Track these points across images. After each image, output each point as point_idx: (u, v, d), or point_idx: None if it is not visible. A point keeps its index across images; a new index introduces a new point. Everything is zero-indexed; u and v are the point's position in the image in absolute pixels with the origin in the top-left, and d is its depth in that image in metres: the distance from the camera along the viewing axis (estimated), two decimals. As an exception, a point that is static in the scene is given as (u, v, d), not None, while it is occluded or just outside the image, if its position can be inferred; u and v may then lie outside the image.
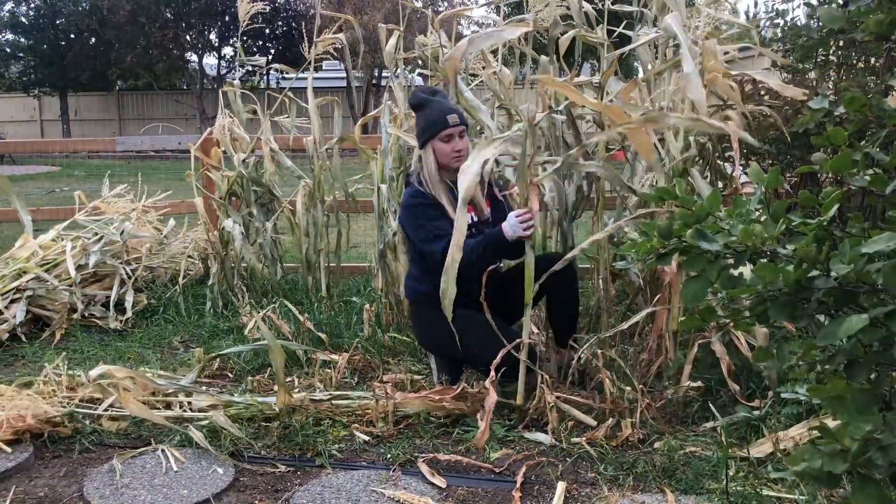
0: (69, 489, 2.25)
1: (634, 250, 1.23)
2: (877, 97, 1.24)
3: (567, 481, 2.21)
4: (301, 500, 2.16)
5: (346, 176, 4.22)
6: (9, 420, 2.49)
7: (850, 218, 1.17)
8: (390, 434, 2.54)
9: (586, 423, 2.55)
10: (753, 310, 1.15)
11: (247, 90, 4.53)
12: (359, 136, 4.00)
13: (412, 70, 4.33)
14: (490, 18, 6.24)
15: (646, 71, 3.34)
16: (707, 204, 1.19)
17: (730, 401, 2.59)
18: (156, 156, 17.02)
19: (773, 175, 1.20)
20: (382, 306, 3.71)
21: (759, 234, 1.12)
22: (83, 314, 3.94)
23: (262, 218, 4.35)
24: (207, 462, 2.37)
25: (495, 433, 2.52)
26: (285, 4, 23.32)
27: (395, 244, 3.63)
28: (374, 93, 21.40)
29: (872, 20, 1.09)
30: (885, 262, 1.03)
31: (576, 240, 3.66)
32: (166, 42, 21.57)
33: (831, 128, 1.21)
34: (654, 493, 2.13)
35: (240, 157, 4.28)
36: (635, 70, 20.29)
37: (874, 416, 1.04)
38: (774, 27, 3.34)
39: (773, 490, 2.08)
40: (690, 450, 2.34)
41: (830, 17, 1.15)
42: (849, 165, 1.17)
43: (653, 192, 1.31)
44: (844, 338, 1.08)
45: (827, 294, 1.09)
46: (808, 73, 3.26)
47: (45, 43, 23.37)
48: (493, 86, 3.56)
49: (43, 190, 11.61)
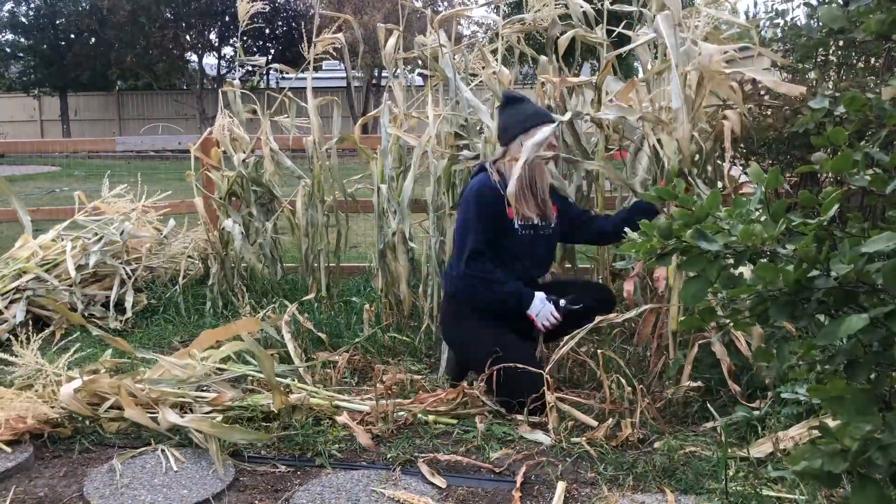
0: (69, 489, 2.25)
1: (634, 250, 1.23)
2: (877, 97, 1.24)
3: (567, 481, 2.20)
4: (301, 500, 2.16)
5: (345, 176, 4.22)
6: (8, 421, 2.49)
7: (850, 218, 1.17)
8: (390, 434, 2.55)
9: (586, 423, 2.55)
10: (753, 310, 1.15)
11: (247, 90, 4.53)
12: (359, 136, 4.00)
13: (412, 70, 4.33)
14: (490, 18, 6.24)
15: (645, 71, 3.33)
16: (707, 204, 1.19)
17: (730, 401, 2.59)
18: (156, 156, 17.02)
19: (772, 175, 1.20)
20: (382, 306, 3.71)
21: (759, 234, 1.12)
22: (83, 314, 3.94)
23: (262, 218, 4.35)
24: (207, 462, 2.37)
25: (495, 433, 2.53)
26: (285, 4, 23.31)
27: (395, 244, 3.63)
28: (374, 93, 21.40)
29: (873, 20, 1.09)
30: (885, 261, 1.03)
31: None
32: (166, 42, 21.56)
33: (831, 128, 1.21)
34: (654, 493, 2.13)
35: (239, 157, 4.28)
36: (635, 70, 20.30)
37: (874, 416, 1.04)
38: (774, 27, 3.33)
39: (773, 490, 2.08)
40: (690, 450, 2.34)
41: (831, 17, 1.15)
42: (849, 165, 1.17)
43: (653, 193, 1.31)
44: (844, 338, 1.08)
45: (827, 294, 1.09)
46: (808, 73, 3.26)
47: (45, 43, 23.36)
48: (493, 86, 3.56)
49: (43, 190, 11.61)
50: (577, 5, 3.54)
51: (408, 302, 3.66)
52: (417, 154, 3.56)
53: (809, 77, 3.19)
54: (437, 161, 3.54)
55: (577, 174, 3.57)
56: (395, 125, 3.74)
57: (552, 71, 3.56)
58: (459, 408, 2.68)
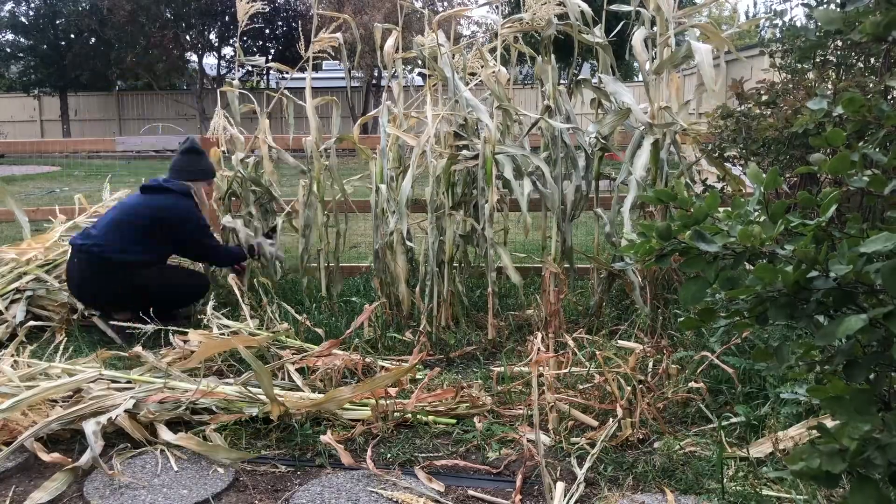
0: (69, 489, 2.25)
1: (633, 251, 1.23)
2: (875, 97, 1.24)
3: (567, 481, 2.21)
4: (301, 500, 2.16)
5: (345, 176, 4.22)
6: (7, 423, 2.49)
7: (849, 218, 1.17)
8: (390, 434, 2.55)
9: (586, 423, 2.55)
10: (753, 310, 1.16)
11: (246, 90, 4.53)
12: (358, 136, 4.00)
13: (411, 70, 4.33)
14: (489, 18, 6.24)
15: (643, 71, 3.34)
16: (706, 205, 1.19)
17: (730, 401, 2.59)
18: (156, 156, 17.01)
19: (771, 176, 1.20)
20: (382, 306, 3.71)
21: (758, 235, 1.13)
22: (83, 314, 3.94)
23: (262, 218, 4.35)
24: (207, 462, 2.37)
25: (494, 433, 2.53)
26: (285, 4, 23.31)
27: (395, 244, 3.63)
28: (374, 93, 21.40)
29: (869, 22, 1.09)
30: (884, 262, 1.03)
31: (574, 239, 3.67)
32: (166, 42, 21.55)
33: (830, 128, 1.21)
34: (653, 493, 2.13)
35: (238, 156, 4.28)
36: (635, 70, 20.30)
37: (873, 416, 1.04)
38: (773, 27, 3.34)
39: (773, 490, 2.08)
40: (690, 450, 2.34)
41: (827, 19, 1.15)
42: (847, 166, 1.18)
43: (651, 194, 1.32)
44: (843, 338, 1.08)
45: (826, 294, 1.09)
46: (807, 73, 3.26)
47: (45, 43, 23.35)
48: (492, 85, 3.56)
49: (43, 190, 11.61)
50: (575, 5, 3.54)
51: (406, 302, 3.66)
52: (416, 154, 3.56)
53: (808, 78, 3.20)
54: (436, 161, 3.54)
55: (576, 175, 3.57)
56: (394, 125, 3.74)
57: (550, 71, 3.56)
58: (459, 407, 2.69)
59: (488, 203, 3.44)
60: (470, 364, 3.25)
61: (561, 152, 3.58)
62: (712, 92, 3.10)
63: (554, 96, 3.55)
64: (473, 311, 3.77)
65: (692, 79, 10.05)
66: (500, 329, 3.51)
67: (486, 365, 3.20)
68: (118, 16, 21.43)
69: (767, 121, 2.98)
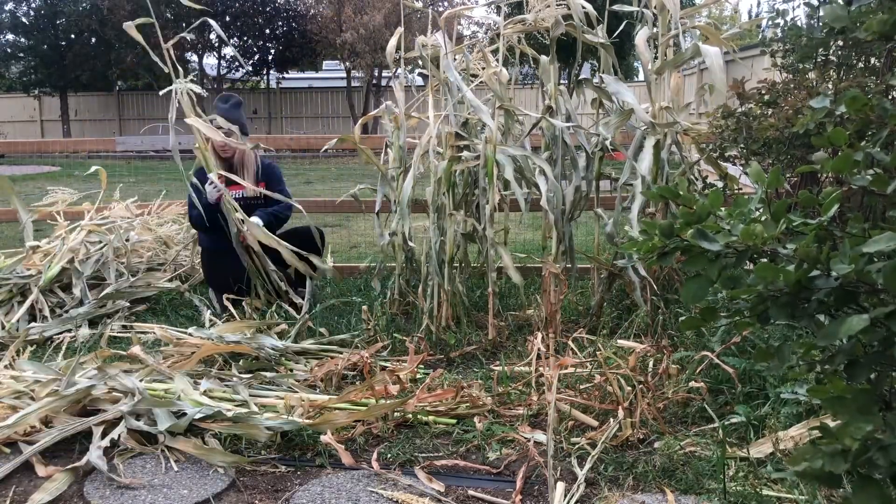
0: (69, 489, 2.25)
1: (635, 249, 1.22)
2: (877, 97, 1.24)
3: (567, 481, 2.20)
4: (301, 500, 2.16)
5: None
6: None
7: (851, 218, 1.16)
8: (390, 434, 2.54)
9: (587, 424, 2.55)
10: (754, 310, 1.15)
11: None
12: (359, 136, 4.00)
13: (412, 70, 4.33)
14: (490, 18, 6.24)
15: (645, 71, 3.34)
16: (708, 203, 1.19)
17: (730, 401, 2.59)
18: (156, 156, 17.00)
19: (773, 175, 1.20)
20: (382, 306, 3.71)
21: (760, 234, 1.12)
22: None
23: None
24: (207, 462, 2.37)
25: (495, 433, 2.52)
26: (285, 4, 23.31)
27: (394, 244, 3.63)
28: (375, 93, 21.40)
29: (875, 20, 1.09)
30: (886, 262, 1.03)
31: (575, 239, 3.66)
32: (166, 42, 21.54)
33: (832, 128, 1.21)
34: (654, 493, 2.13)
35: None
36: (635, 70, 20.31)
37: (874, 416, 1.04)
38: (775, 27, 3.34)
39: (773, 490, 2.08)
40: (690, 450, 2.34)
41: (834, 17, 1.15)
42: (849, 165, 1.17)
43: (654, 192, 1.31)
44: (845, 338, 1.08)
45: (827, 294, 1.09)
46: (809, 73, 3.26)
47: (45, 43, 23.32)
48: (494, 86, 3.56)
49: (43, 190, 11.59)
50: (579, 5, 3.53)
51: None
52: (418, 154, 3.55)
53: (809, 77, 3.20)
54: (438, 161, 3.54)
55: (575, 174, 3.57)
56: (395, 125, 3.73)
57: (553, 71, 3.56)
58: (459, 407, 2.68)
59: (489, 203, 3.44)
60: (470, 364, 3.25)
61: (561, 152, 3.57)
62: (721, 94, 3.09)
63: (555, 96, 3.55)
64: (474, 311, 3.77)
65: (692, 79, 10.05)
66: (501, 329, 3.51)
67: (487, 365, 3.20)
68: (118, 16, 21.43)
69: (769, 120, 2.98)
